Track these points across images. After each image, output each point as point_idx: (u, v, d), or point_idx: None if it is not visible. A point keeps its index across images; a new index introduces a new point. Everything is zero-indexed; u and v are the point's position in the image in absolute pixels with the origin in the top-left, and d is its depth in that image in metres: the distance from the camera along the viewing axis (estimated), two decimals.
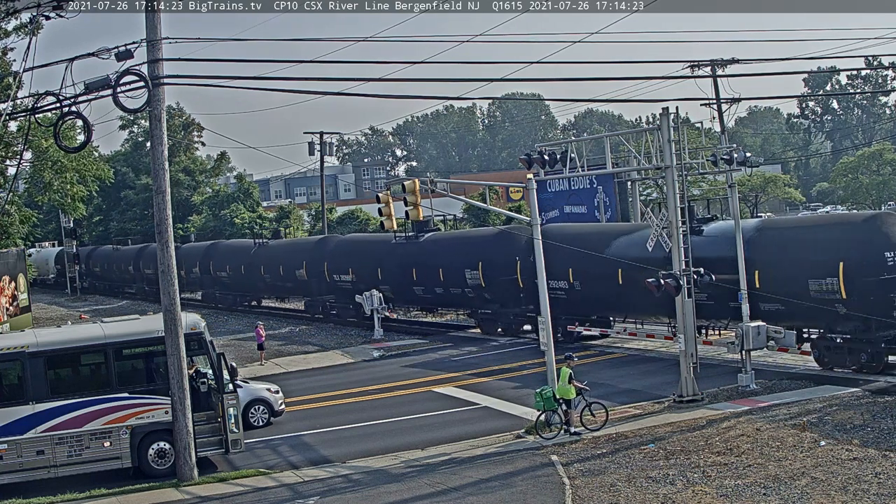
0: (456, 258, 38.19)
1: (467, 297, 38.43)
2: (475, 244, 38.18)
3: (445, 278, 38.58)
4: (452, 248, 39.60)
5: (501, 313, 37.28)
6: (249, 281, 52.50)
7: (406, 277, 40.49)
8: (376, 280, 41.84)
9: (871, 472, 16.46)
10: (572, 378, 21.47)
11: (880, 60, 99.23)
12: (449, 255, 38.91)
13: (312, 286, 47.18)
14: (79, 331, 22.05)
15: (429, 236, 41.22)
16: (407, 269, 40.48)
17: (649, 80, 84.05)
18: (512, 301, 36.09)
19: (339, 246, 46.43)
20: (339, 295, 45.32)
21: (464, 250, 38.32)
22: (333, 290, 45.70)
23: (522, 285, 34.70)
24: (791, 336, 25.61)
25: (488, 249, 36.86)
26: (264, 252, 51.08)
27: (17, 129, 37.82)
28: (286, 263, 48.51)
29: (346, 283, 44.33)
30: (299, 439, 23.59)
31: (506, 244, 35.87)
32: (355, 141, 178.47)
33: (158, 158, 20.23)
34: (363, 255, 44.12)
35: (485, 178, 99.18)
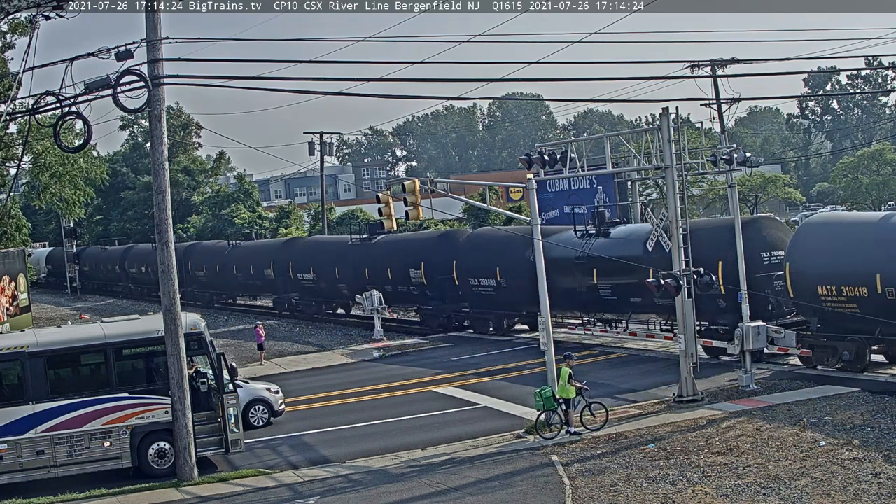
0: (402, 259, 41.00)
1: (412, 295, 41.31)
2: (419, 246, 41.25)
3: (393, 277, 41.24)
4: (399, 249, 42.23)
5: (441, 309, 40.04)
6: (224, 280, 55.52)
7: (360, 276, 43.16)
8: (334, 279, 45.36)
9: (871, 472, 16.46)
10: (572, 378, 21.48)
11: (880, 60, 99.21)
12: (396, 256, 41.68)
13: (279, 285, 50.54)
14: (79, 331, 22.05)
15: (380, 238, 43.75)
16: (360, 268, 43.36)
17: (649, 80, 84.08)
18: (450, 298, 39.16)
19: (302, 247, 49.76)
20: (303, 293, 48.79)
21: (409, 252, 41.18)
22: (298, 288, 48.98)
23: (458, 283, 38.14)
24: (791, 336, 25.63)
25: (430, 251, 39.83)
26: (237, 253, 54.38)
27: (17, 130, 37.85)
28: (256, 264, 52.03)
29: (308, 282, 47.75)
30: (299, 439, 23.59)
31: (446, 246, 39.24)
32: (355, 141, 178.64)
33: (158, 158, 20.24)
34: (323, 256, 47.10)
35: (485, 178, 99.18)
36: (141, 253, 66.31)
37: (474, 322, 39.27)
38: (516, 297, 35.58)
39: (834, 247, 25.75)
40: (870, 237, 24.95)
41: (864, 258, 24.52)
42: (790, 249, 26.87)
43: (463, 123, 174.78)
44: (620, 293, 31.04)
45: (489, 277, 36.70)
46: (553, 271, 30.06)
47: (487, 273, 36.72)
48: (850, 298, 24.78)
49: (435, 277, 39.22)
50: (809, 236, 26.88)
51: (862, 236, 25.12)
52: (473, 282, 37.86)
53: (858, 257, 24.80)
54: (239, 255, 54.08)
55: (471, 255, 38.20)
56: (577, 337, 34.78)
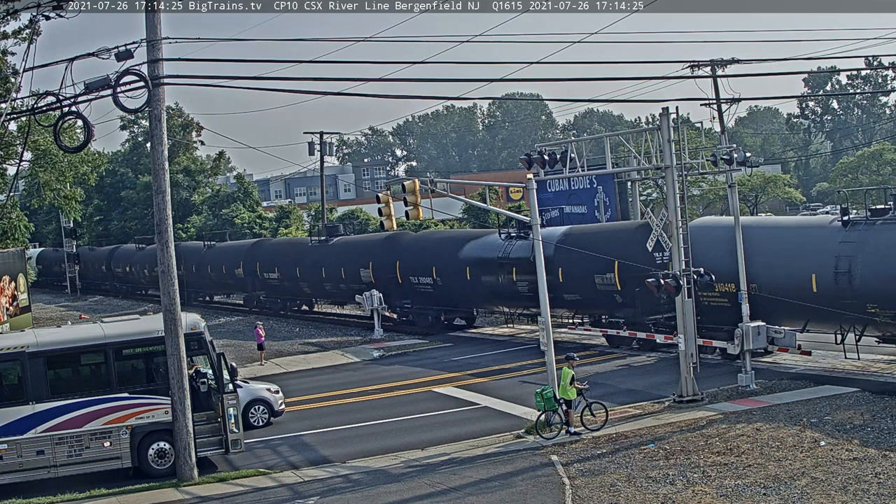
0: (354, 259, 44.17)
1: (363, 292, 42.94)
2: (368, 247, 44.33)
3: (346, 276, 44.51)
4: (352, 250, 45.34)
5: (392, 304, 42.41)
6: (200, 279, 58.05)
7: (318, 275, 46.56)
8: (296, 278, 48.56)
9: (871, 472, 16.47)
10: (574, 380, 21.48)
11: (880, 60, 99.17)
12: (349, 256, 44.74)
13: (248, 283, 53.77)
14: (79, 331, 22.03)
15: (336, 240, 47.22)
16: (318, 268, 46.47)
17: (649, 80, 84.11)
18: (395, 295, 41.74)
19: (268, 248, 53.08)
20: (269, 291, 52.36)
21: (360, 252, 44.31)
22: (264, 286, 52.33)
23: (401, 282, 41.12)
24: (791, 336, 25.65)
25: (377, 252, 42.84)
26: (211, 253, 57.33)
27: (18, 129, 37.82)
28: (227, 263, 55.10)
29: (273, 280, 51.10)
30: (299, 439, 23.59)
31: (390, 247, 42.14)
32: (355, 141, 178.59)
33: (158, 158, 20.23)
34: (286, 256, 50.24)
35: (485, 178, 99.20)
36: (125, 253, 69.83)
37: (416, 317, 41.79)
38: (451, 294, 38.84)
39: (710, 247, 27.99)
40: (733, 238, 26.37)
41: (733, 258, 26.16)
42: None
43: (463, 123, 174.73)
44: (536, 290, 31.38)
45: (427, 276, 39.74)
46: (480, 270, 36.56)
47: (425, 272, 39.76)
48: (722, 294, 27.55)
49: (381, 276, 41.97)
50: (697, 235, 28.46)
51: (733, 238, 26.48)
52: (414, 280, 40.72)
53: (729, 257, 26.42)
54: (213, 256, 56.87)
55: (411, 256, 41.08)
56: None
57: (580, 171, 26.49)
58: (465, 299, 39.53)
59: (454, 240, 39.72)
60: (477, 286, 37.06)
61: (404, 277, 40.97)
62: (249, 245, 55.25)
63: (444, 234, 41.86)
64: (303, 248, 48.99)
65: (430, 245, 41.00)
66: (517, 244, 35.40)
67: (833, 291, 24.93)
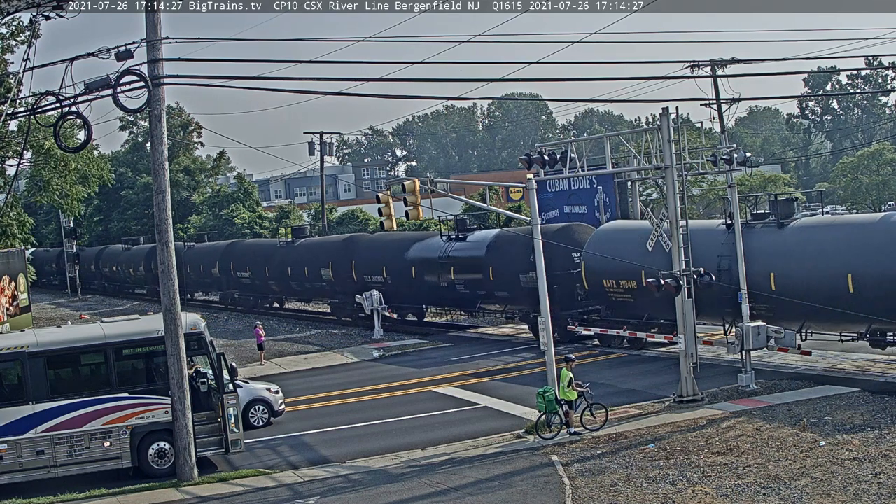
0: (316, 259, 47.11)
1: (324, 290, 47.79)
2: (329, 248, 47.37)
3: (309, 275, 47.64)
4: (315, 251, 48.24)
5: (346, 302, 45.54)
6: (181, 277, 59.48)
7: (285, 274, 49.90)
8: (265, 277, 51.91)
9: (871, 472, 16.47)
10: (572, 382, 21.46)
11: (880, 60, 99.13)
12: (312, 257, 47.65)
13: (223, 282, 57.06)
14: (79, 331, 22.04)
15: (301, 241, 50.36)
16: (285, 267, 49.70)
17: (649, 80, 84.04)
18: (351, 292, 44.09)
19: (241, 249, 56.24)
20: (242, 289, 55.80)
21: (321, 253, 47.24)
22: (238, 284, 55.87)
23: (356, 280, 43.89)
24: (791, 336, 25.63)
25: (336, 253, 45.76)
26: (190, 253, 60.22)
27: (18, 128, 37.80)
28: (205, 263, 58.35)
29: (246, 279, 54.67)
30: (299, 439, 23.59)
31: (348, 249, 45.27)
32: (355, 141, 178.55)
33: (158, 158, 20.24)
34: (256, 256, 53.49)
35: (485, 178, 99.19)
36: (112, 253, 73.87)
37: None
38: (400, 292, 41.45)
39: (615, 248, 31.02)
40: (636, 239, 28.72)
41: (634, 258, 29.19)
42: (585, 250, 32.83)
43: (463, 123, 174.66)
44: (471, 287, 37.49)
45: (378, 275, 42.56)
46: (424, 269, 39.77)
47: (377, 272, 42.66)
48: (625, 290, 31.09)
49: (339, 275, 45.08)
50: (598, 240, 32.69)
51: (631, 238, 29.81)
52: (368, 279, 43.27)
53: (631, 257, 29.45)
54: (192, 256, 59.70)
55: (366, 257, 44.09)
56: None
57: (580, 171, 26.49)
58: (412, 297, 42.41)
59: (402, 241, 42.85)
60: (421, 284, 40.09)
61: (359, 276, 43.66)
62: (224, 246, 58.24)
63: (394, 236, 44.25)
64: (271, 249, 52.04)
65: (381, 246, 43.88)
66: (456, 245, 38.53)
67: (716, 287, 26.71)
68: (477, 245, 37.39)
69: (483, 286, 36.52)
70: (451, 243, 38.82)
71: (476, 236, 38.23)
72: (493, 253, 36.20)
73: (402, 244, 42.22)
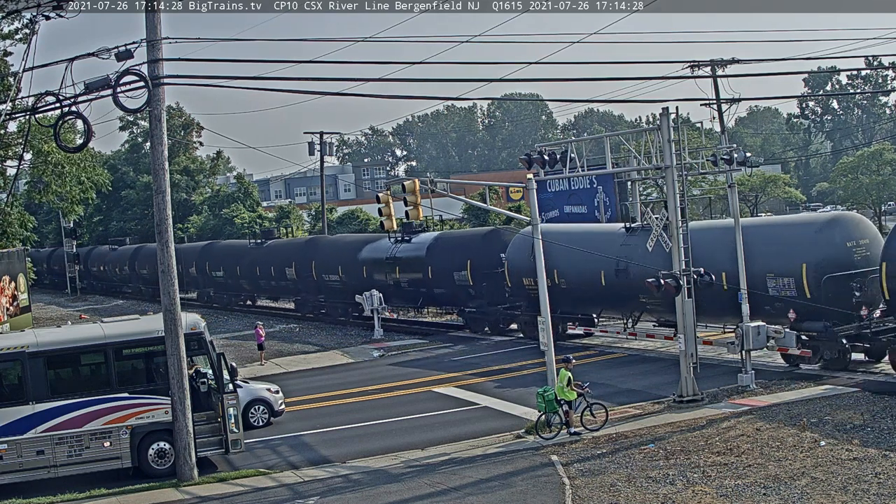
0: (281, 259, 50.46)
1: (289, 288, 51.45)
2: (292, 250, 50.76)
3: (275, 274, 51.10)
4: (281, 252, 51.61)
5: (307, 299, 49.67)
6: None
7: (254, 273, 53.39)
8: (237, 276, 55.28)
9: (871, 472, 16.46)
10: (571, 382, 21.46)
11: (880, 60, 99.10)
12: (279, 257, 51.04)
13: (200, 281, 60.32)
14: (79, 331, 22.04)
15: (269, 243, 53.82)
16: (254, 267, 53.17)
17: (649, 80, 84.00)
18: (312, 290, 48.44)
19: (216, 249, 59.53)
20: (216, 287, 59.12)
21: (286, 254, 50.57)
22: (213, 283, 59.11)
23: (316, 279, 47.44)
24: (791, 336, 25.63)
25: (299, 253, 48.96)
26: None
27: (17, 129, 37.77)
28: (183, 263, 58.90)
29: (219, 278, 57.96)
30: (299, 439, 23.59)
31: (309, 249, 48.59)
32: (355, 141, 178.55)
33: (158, 158, 20.23)
34: (229, 257, 56.83)
35: (485, 178, 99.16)
36: (99, 254, 77.74)
37: (329, 309, 48.23)
38: (353, 290, 43.97)
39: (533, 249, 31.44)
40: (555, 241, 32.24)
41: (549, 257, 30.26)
42: (508, 251, 36.20)
43: (463, 123, 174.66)
44: (414, 285, 40.83)
45: (335, 274, 46.03)
46: (373, 269, 43.33)
47: (334, 271, 46.09)
48: (530, 287, 33.46)
49: (301, 274, 48.35)
50: (519, 242, 35.57)
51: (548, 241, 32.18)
52: (326, 277, 46.88)
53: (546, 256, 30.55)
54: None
55: (324, 257, 47.15)
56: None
57: (580, 171, 26.50)
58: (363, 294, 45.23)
59: (356, 243, 46.61)
60: (372, 282, 42.92)
61: (318, 275, 47.16)
62: (201, 247, 61.50)
63: (349, 238, 48.84)
64: (243, 250, 55.26)
65: (338, 247, 47.31)
66: (402, 247, 41.65)
67: (615, 285, 30.96)
68: (419, 246, 40.62)
69: (424, 284, 39.85)
70: (398, 245, 41.87)
71: (419, 238, 41.39)
72: (432, 254, 39.52)
73: (356, 245, 45.73)
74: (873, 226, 28.04)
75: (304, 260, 48.00)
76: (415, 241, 41.25)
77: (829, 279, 25.15)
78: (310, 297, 49.15)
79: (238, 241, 60.39)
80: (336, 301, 47.29)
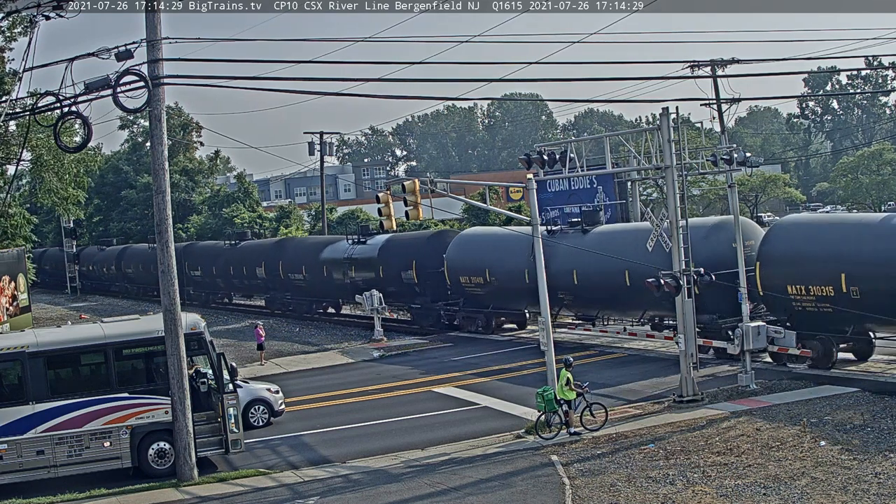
0: (253, 259, 53.65)
1: (259, 286, 54.72)
2: (262, 250, 53.73)
3: (247, 273, 54.39)
4: (252, 252, 54.68)
5: (276, 297, 53.20)
6: (146, 276, 67.18)
7: (228, 272, 56.68)
8: (213, 275, 58.32)
9: (871, 472, 16.47)
10: (570, 382, 21.46)
11: (880, 60, 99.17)
12: (250, 257, 54.19)
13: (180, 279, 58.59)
14: (79, 331, 22.03)
15: (243, 244, 56.82)
16: (228, 266, 56.40)
17: (649, 80, 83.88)
18: (280, 289, 51.90)
19: (194, 250, 62.07)
20: (195, 286, 61.45)
21: (257, 254, 53.64)
22: (191, 282, 60.78)
23: (283, 278, 50.57)
24: (791, 336, 25.67)
25: (268, 254, 52.17)
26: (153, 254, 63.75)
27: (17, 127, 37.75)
28: None
29: (198, 277, 60.72)
30: (299, 439, 23.59)
31: (277, 250, 51.71)
32: (355, 141, 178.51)
33: (158, 158, 20.23)
34: (206, 257, 59.81)
35: (485, 178, 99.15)
36: (88, 254, 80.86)
37: (295, 307, 51.09)
38: (316, 288, 48.09)
39: (468, 250, 38.68)
40: (486, 243, 38.08)
41: (482, 257, 37.35)
42: (448, 252, 39.49)
43: (463, 123, 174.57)
44: (367, 283, 43.04)
45: (300, 273, 49.01)
46: (333, 268, 46.30)
47: (299, 270, 49.06)
48: (476, 285, 38.16)
49: (270, 273, 51.43)
50: (458, 244, 39.62)
51: (482, 242, 38.65)
52: (292, 276, 49.81)
53: (479, 256, 37.55)
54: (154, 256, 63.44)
55: (291, 257, 49.96)
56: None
57: (580, 171, 26.49)
58: (325, 291, 48.71)
59: (318, 244, 49.61)
60: (332, 281, 46.50)
61: (285, 274, 50.28)
62: (182, 248, 63.34)
63: (312, 240, 52.70)
64: (218, 251, 58.30)
65: (303, 248, 50.37)
66: (358, 248, 44.68)
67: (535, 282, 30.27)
68: (373, 248, 43.56)
69: (376, 282, 42.23)
70: (354, 246, 44.99)
71: (373, 240, 44.16)
72: (383, 254, 42.51)
73: (318, 247, 48.79)
74: (760, 229, 30.53)
75: (272, 260, 51.04)
76: (369, 243, 44.09)
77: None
78: (278, 295, 52.53)
79: (215, 243, 63.17)
80: (301, 298, 50.41)
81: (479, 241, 38.84)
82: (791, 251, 26.70)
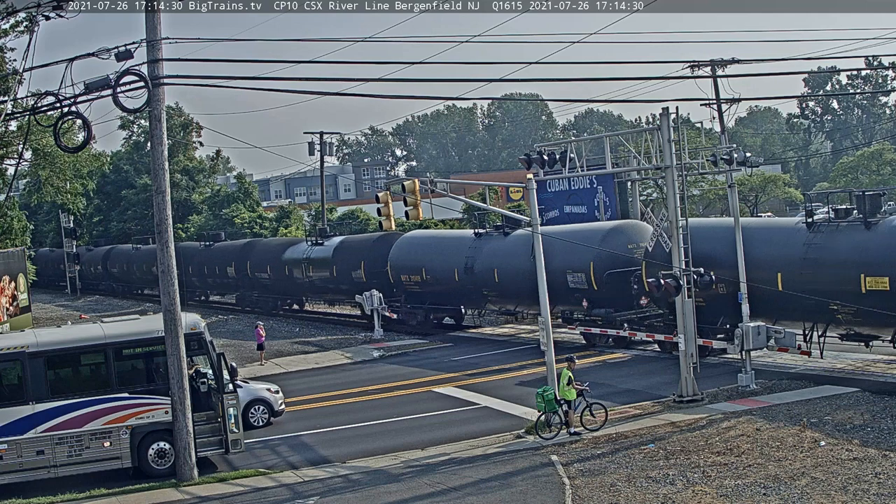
0: (223, 259, 56.69)
1: (230, 285, 57.73)
2: (232, 251, 56.48)
3: (219, 273, 57.41)
4: (223, 253, 57.51)
5: (245, 295, 56.45)
6: (131, 275, 71.21)
7: (202, 272, 59.37)
8: (189, 274, 59.04)
9: (871, 472, 16.47)
10: (571, 381, 21.47)
11: (880, 60, 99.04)
12: (221, 258, 57.02)
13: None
14: (79, 331, 22.02)
15: (216, 245, 59.64)
16: (202, 266, 59.06)
17: (649, 80, 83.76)
18: (248, 287, 55.09)
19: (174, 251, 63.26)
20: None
21: (227, 254, 56.59)
22: None
23: (251, 277, 53.46)
24: (791, 336, 25.66)
25: (237, 254, 55.10)
26: (138, 254, 69.46)
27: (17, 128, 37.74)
28: (147, 262, 65.47)
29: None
30: (299, 439, 23.59)
31: (245, 250, 54.73)
32: (355, 141, 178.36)
33: (158, 158, 20.23)
34: (184, 257, 58.27)
35: (485, 178, 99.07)
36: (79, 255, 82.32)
37: (262, 304, 54.26)
38: (279, 286, 51.42)
39: (408, 251, 41.64)
40: (424, 244, 41.32)
41: (419, 258, 40.54)
42: (391, 253, 42.02)
43: (463, 123, 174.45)
44: (323, 281, 46.74)
45: (265, 272, 52.00)
46: (293, 267, 49.12)
47: (264, 269, 52.09)
48: (415, 283, 40.64)
49: (239, 272, 54.51)
50: (400, 245, 42.26)
51: (420, 243, 41.87)
52: (259, 275, 52.77)
53: (417, 257, 40.68)
54: (139, 256, 68.67)
55: (257, 257, 52.88)
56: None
57: (580, 171, 26.50)
58: (287, 289, 51.81)
59: (280, 245, 52.64)
60: (292, 279, 49.59)
61: (252, 273, 53.24)
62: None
63: (276, 241, 55.83)
64: (194, 251, 60.73)
65: (268, 249, 53.30)
66: (315, 249, 47.41)
67: (464, 280, 37.85)
68: (328, 249, 46.32)
69: (331, 281, 45.75)
70: (312, 247, 47.74)
71: (329, 242, 47.06)
72: (337, 255, 45.36)
73: (281, 247, 51.78)
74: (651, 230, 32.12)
75: (241, 260, 54.11)
76: (325, 245, 46.97)
77: (609, 274, 31.34)
78: (247, 293, 56.00)
79: (192, 244, 65.35)
80: (267, 296, 53.87)
81: (417, 243, 42.04)
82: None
